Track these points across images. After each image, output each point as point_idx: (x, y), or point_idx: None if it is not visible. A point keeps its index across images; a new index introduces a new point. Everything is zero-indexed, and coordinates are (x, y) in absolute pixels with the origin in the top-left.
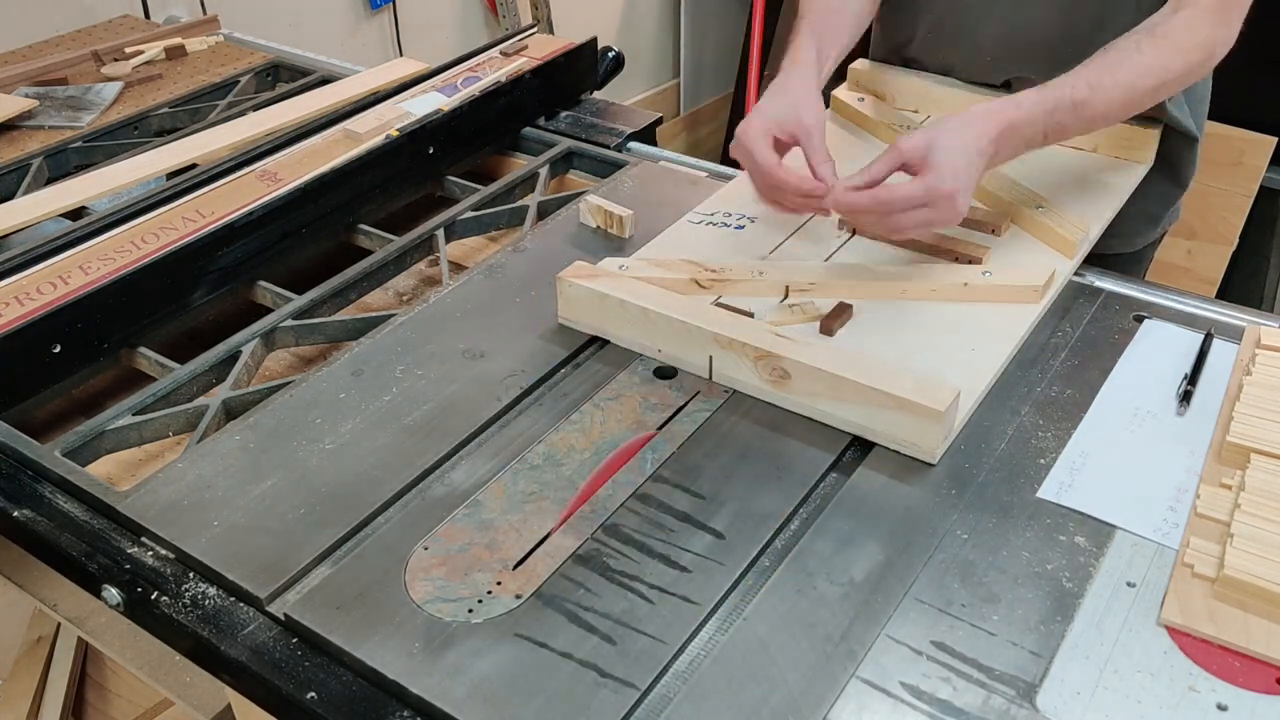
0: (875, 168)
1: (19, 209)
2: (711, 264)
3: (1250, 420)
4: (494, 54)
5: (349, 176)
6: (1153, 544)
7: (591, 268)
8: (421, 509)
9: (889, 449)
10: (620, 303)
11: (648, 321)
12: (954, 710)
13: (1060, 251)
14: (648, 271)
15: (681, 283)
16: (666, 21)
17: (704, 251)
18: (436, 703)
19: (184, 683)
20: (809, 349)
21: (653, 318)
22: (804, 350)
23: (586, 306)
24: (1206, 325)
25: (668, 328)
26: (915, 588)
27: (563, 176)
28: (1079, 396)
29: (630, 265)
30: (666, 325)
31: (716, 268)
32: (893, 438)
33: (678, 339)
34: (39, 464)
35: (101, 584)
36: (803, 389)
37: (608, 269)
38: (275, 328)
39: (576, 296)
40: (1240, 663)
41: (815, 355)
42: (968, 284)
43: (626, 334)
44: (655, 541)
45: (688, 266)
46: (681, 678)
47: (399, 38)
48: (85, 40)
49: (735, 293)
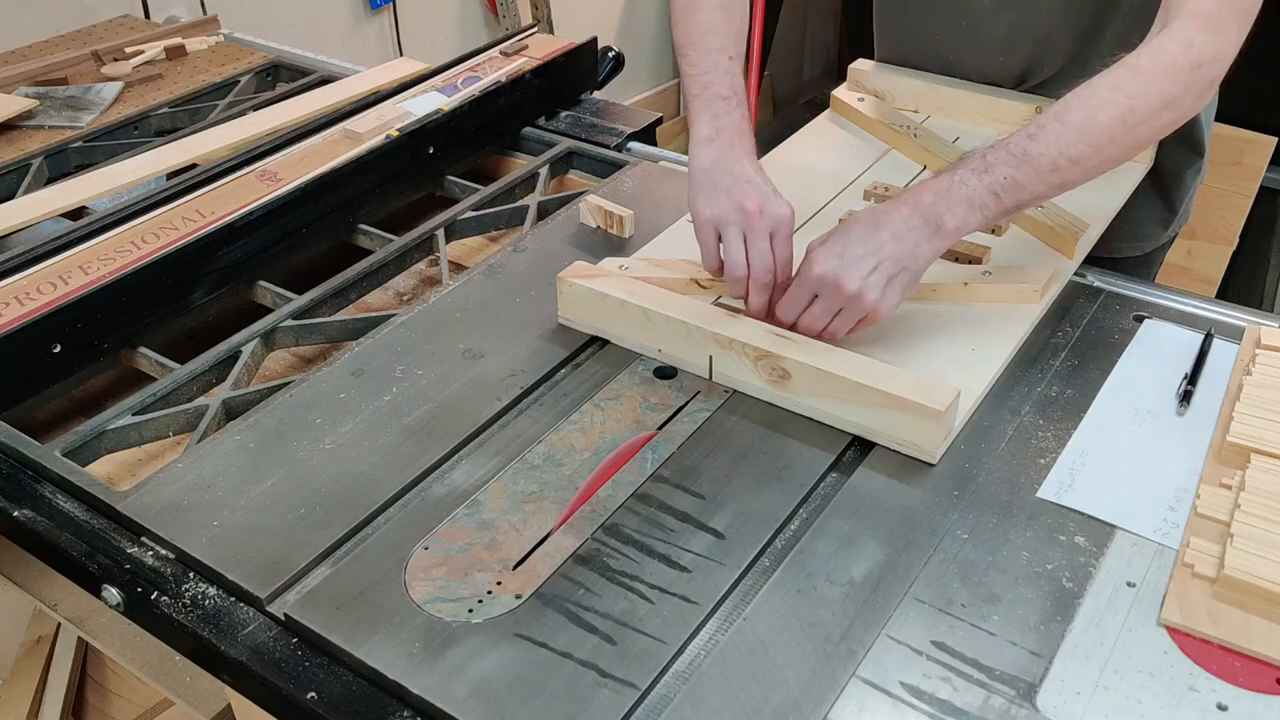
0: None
1: (19, 209)
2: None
3: (1250, 420)
4: (494, 54)
5: (349, 176)
6: (1153, 544)
7: (592, 267)
8: (421, 509)
9: (889, 449)
10: (620, 302)
11: (648, 321)
12: (954, 710)
13: (1060, 251)
14: (648, 271)
15: (681, 282)
16: (666, 21)
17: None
18: (436, 703)
19: (184, 683)
20: (809, 349)
21: (653, 317)
22: (804, 350)
23: (586, 306)
24: (1206, 325)
25: (668, 328)
26: (915, 588)
27: (563, 176)
28: (1079, 396)
29: (630, 265)
30: (666, 325)
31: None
32: (893, 438)
33: (678, 339)
34: (39, 464)
35: (101, 584)
36: (803, 389)
37: (608, 269)
38: (275, 328)
39: (576, 296)
40: (1240, 663)
41: (815, 355)
42: (968, 284)
43: (627, 334)
44: (655, 541)
45: (688, 266)
46: (681, 678)
47: (399, 38)
48: (85, 40)
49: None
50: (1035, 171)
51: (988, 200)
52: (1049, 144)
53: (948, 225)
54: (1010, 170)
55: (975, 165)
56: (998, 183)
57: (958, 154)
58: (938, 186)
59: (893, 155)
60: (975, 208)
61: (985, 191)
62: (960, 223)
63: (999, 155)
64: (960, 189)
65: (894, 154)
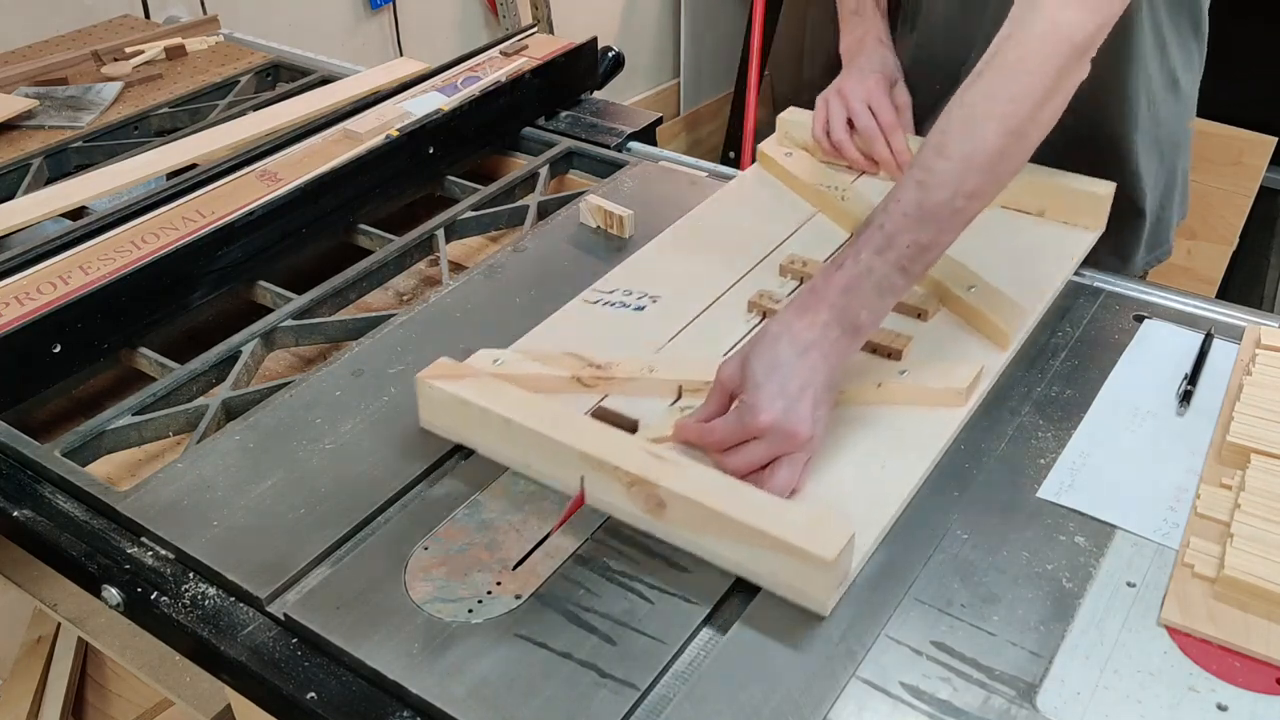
0: (708, 404)
1: (19, 209)
2: (598, 359)
3: (1250, 420)
4: (494, 54)
5: (349, 176)
6: (1153, 544)
7: (457, 365)
8: (421, 509)
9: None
10: (481, 411)
11: (510, 434)
12: (954, 710)
13: (993, 341)
14: (524, 367)
15: (562, 380)
16: (666, 21)
17: (595, 339)
18: (436, 703)
19: (184, 683)
20: (688, 474)
21: (515, 430)
22: (682, 476)
23: (449, 411)
24: (1206, 325)
25: (534, 442)
26: (915, 588)
27: (563, 176)
28: (1079, 396)
29: (506, 359)
30: (532, 439)
31: (603, 363)
32: (778, 583)
33: (546, 455)
34: (39, 464)
35: (101, 584)
36: (681, 520)
37: (480, 363)
38: (275, 328)
39: (438, 400)
40: (1240, 663)
41: (694, 483)
42: (881, 385)
43: (492, 445)
44: (655, 541)
45: (571, 361)
46: (681, 678)
47: (399, 38)
48: (85, 40)
49: (623, 392)
50: (937, 225)
51: (896, 280)
52: (941, 187)
53: (864, 322)
54: (912, 235)
55: (876, 243)
56: (903, 256)
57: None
58: (844, 281)
59: (819, 218)
60: (886, 293)
61: (893, 271)
62: (874, 316)
63: (895, 221)
64: (868, 278)
65: (820, 216)
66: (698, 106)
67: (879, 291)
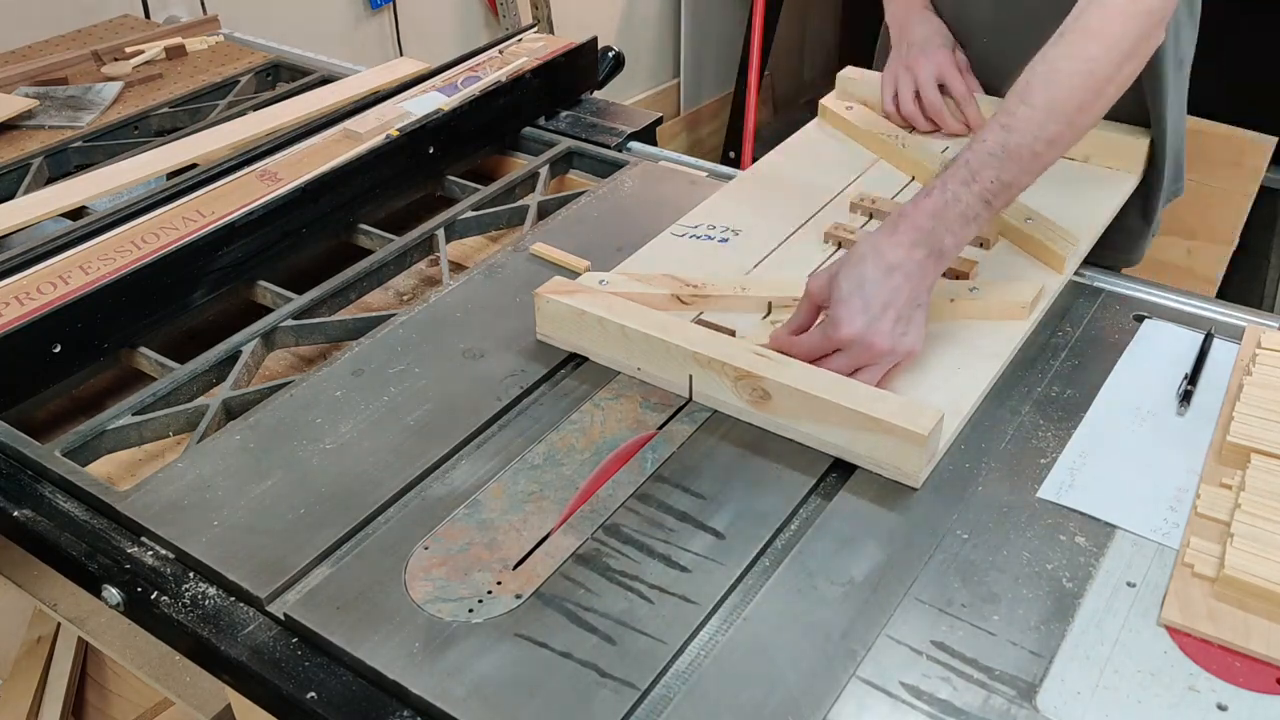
0: (797, 315)
1: (19, 209)
2: (693, 279)
3: (1250, 420)
4: (494, 54)
5: (349, 176)
6: (1153, 544)
7: (570, 283)
8: (421, 509)
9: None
10: (598, 319)
11: (626, 339)
12: (954, 710)
13: (1050, 265)
14: (628, 286)
15: (662, 298)
16: (666, 21)
17: (686, 266)
18: (436, 703)
19: (184, 683)
20: (790, 369)
21: (630, 335)
22: (785, 370)
23: (565, 323)
24: (1206, 325)
25: (646, 345)
26: (915, 588)
27: (563, 176)
28: (1079, 396)
29: (610, 280)
30: (645, 343)
31: (698, 283)
32: (875, 460)
33: (657, 357)
34: (39, 464)
35: (101, 584)
36: (783, 410)
37: (587, 284)
38: (275, 328)
39: (554, 313)
40: (1240, 663)
41: (796, 376)
42: (954, 301)
43: (605, 351)
44: (655, 541)
45: (669, 281)
46: (681, 678)
47: (399, 38)
48: (85, 40)
49: (717, 309)
50: (1018, 165)
51: (981, 210)
52: (1024, 132)
53: (948, 247)
54: (995, 171)
55: (961, 176)
56: (987, 189)
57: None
58: (932, 207)
59: (881, 165)
60: (970, 221)
61: (978, 202)
62: (959, 241)
63: (980, 158)
64: (954, 206)
65: (882, 163)
66: (698, 106)
67: (963, 220)
